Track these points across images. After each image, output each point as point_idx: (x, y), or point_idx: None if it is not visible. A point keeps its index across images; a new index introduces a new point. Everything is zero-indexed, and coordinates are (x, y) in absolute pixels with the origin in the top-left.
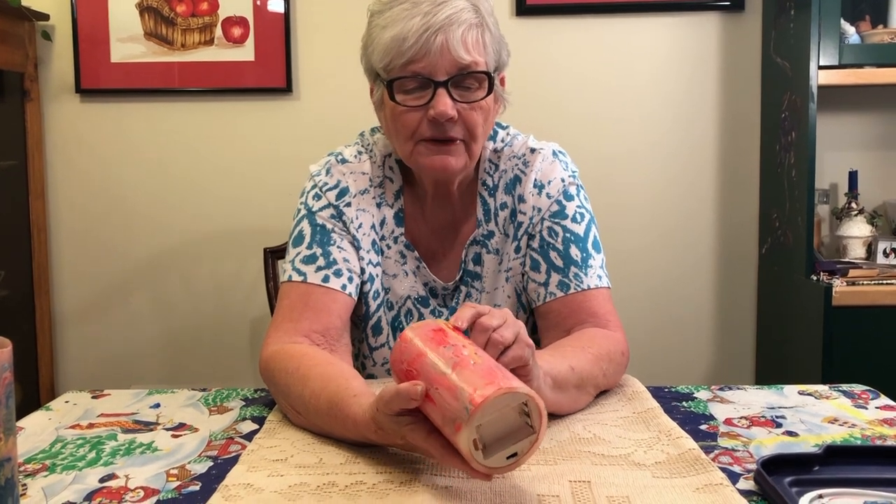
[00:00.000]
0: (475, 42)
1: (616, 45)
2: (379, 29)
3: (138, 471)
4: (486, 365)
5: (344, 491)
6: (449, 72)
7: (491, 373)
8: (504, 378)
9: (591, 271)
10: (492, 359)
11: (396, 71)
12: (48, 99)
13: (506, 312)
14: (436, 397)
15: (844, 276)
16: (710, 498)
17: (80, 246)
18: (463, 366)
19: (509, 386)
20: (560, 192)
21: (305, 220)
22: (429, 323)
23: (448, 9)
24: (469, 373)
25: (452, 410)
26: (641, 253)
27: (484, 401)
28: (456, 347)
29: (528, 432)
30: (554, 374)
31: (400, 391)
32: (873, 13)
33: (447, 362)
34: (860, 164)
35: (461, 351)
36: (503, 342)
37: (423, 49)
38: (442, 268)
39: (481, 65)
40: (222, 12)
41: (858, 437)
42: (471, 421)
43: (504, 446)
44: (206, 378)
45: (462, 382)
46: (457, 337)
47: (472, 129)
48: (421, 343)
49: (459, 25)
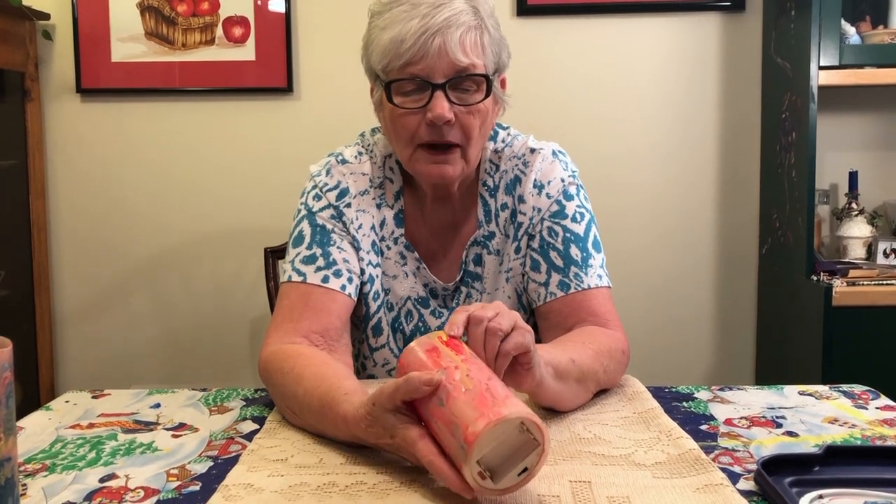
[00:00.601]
0: (473, 44)
1: (616, 45)
2: (378, 30)
3: (138, 471)
4: (477, 390)
5: (344, 491)
6: (447, 74)
7: (482, 400)
8: (494, 404)
9: (591, 271)
10: (486, 373)
11: (394, 73)
12: (49, 98)
13: (498, 304)
14: (435, 428)
15: (844, 277)
16: (711, 498)
17: (81, 245)
18: (455, 395)
19: (498, 417)
20: (560, 192)
21: (305, 220)
22: (423, 342)
23: (447, 11)
24: (462, 404)
25: (451, 446)
26: (641, 253)
27: (476, 438)
28: (448, 371)
29: (534, 445)
30: (555, 364)
31: (410, 379)
32: (874, 13)
33: (441, 390)
34: (860, 165)
35: (453, 375)
36: (500, 329)
37: (420, 51)
38: (442, 269)
39: (479, 67)
40: (223, 12)
41: (859, 438)
42: (469, 459)
43: (514, 464)
44: (206, 378)
45: (455, 416)
46: (449, 355)
47: (468, 132)
48: (416, 364)
49: (458, 28)
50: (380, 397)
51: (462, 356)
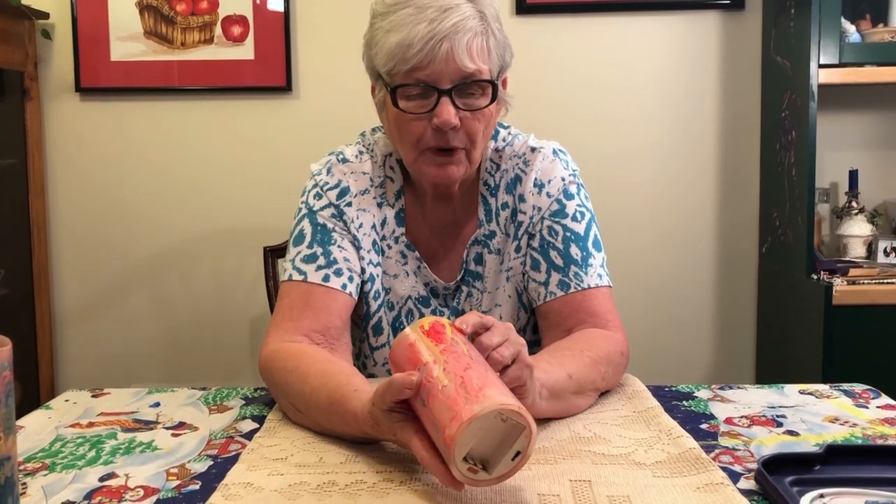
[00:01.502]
0: (480, 50)
1: (616, 43)
2: (383, 32)
3: (138, 470)
4: (452, 385)
5: (344, 490)
6: (453, 80)
7: (455, 399)
8: (467, 401)
9: (591, 270)
10: (462, 363)
11: (400, 77)
12: (48, 98)
13: (507, 329)
14: (426, 426)
15: (845, 276)
16: (711, 497)
17: (80, 244)
18: (434, 394)
19: (471, 416)
20: (560, 191)
21: (306, 219)
22: (403, 336)
23: (455, 16)
24: (439, 403)
25: (438, 444)
26: (642, 252)
27: (453, 442)
28: (427, 367)
29: (521, 429)
30: (551, 385)
31: (393, 382)
32: (874, 12)
33: (422, 390)
34: (860, 163)
35: (432, 371)
36: (502, 361)
37: (427, 56)
38: (443, 268)
39: (485, 73)
40: (222, 11)
41: (859, 437)
42: (452, 459)
43: (505, 450)
44: (206, 377)
45: (435, 417)
46: (429, 348)
47: (472, 136)
48: (402, 360)
49: (465, 34)
50: (375, 398)
51: (441, 345)
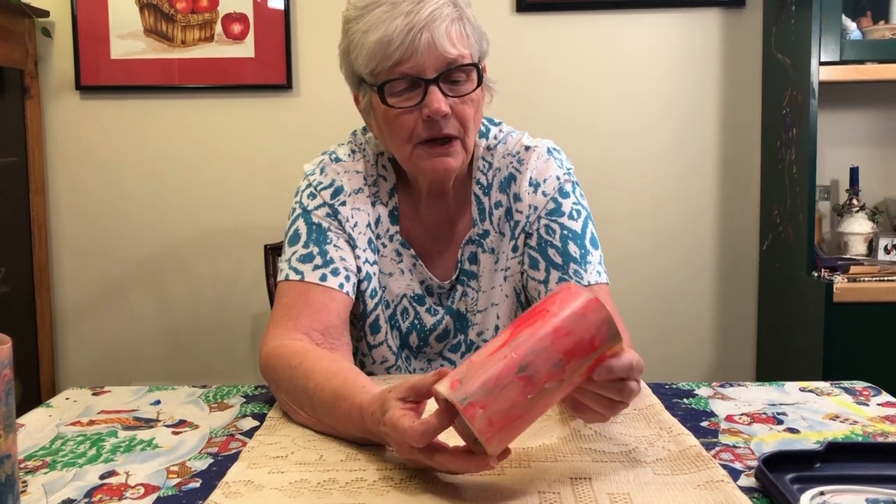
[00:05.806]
0: (459, 35)
1: (616, 41)
2: (360, 34)
3: (139, 468)
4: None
5: (344, 488)
6: (438, 68)
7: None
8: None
9: (590, 267)
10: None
11: (384, 74)
12: (48, 96)
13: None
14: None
15: (845, 273)
16: (712, 495)
17: (81, 242)
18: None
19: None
20: (556, 190)
21: (301, 218)
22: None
23: (429, 6)
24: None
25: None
26: (641, 250)
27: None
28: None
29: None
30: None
31: (419, 385)
32: (874, 9)
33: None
34: (861, 161)
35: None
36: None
37: (409, 49)
38: (438, 266)
39: (467, 57)
40: (222, 9)
41: (860, 434)
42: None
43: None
44: (206, 375)
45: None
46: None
47: (464, 122)
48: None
49: (442, 21)
50: (395, 388)
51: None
